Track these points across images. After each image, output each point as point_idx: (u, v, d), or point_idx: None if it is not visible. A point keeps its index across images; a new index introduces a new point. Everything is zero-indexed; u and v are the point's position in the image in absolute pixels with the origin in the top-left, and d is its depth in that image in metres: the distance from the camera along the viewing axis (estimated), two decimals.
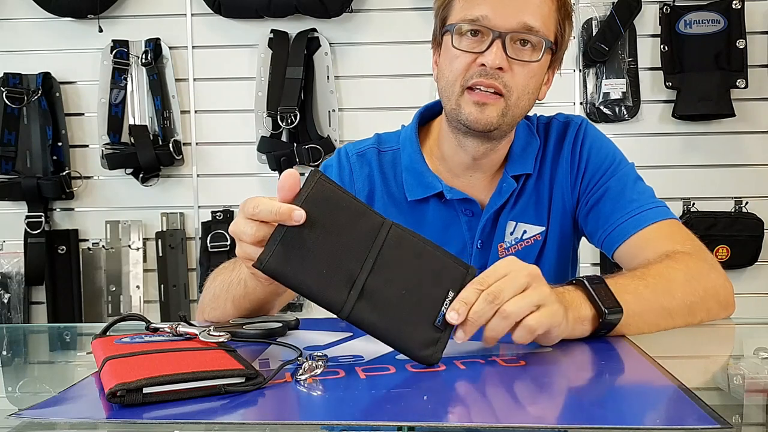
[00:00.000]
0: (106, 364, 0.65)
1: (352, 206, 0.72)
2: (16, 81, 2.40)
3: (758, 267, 2.38)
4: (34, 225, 2.42)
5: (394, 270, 0.71)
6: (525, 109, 1.03)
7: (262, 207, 0.70)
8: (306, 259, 0.69)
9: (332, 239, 0.70)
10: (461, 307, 0.70)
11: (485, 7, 0.97)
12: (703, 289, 0.92)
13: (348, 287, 0.69)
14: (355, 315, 0.69)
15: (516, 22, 0.97)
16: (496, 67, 0.97)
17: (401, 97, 2.34)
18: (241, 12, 2.37)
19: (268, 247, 0.69)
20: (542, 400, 0.63)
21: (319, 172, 0.72)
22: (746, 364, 0.81)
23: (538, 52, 0.99)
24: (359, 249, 0.70)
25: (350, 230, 0.71)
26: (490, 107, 0.99)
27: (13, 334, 1.16)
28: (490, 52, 0.97)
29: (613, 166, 1.10)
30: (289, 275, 0.69)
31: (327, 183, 0.71)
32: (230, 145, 2.46)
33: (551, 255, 1.13)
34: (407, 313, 0.70)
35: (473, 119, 1.00)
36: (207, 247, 2.39)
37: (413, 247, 0.72)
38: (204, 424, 0.57)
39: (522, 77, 0.99)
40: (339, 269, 0.69)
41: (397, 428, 0.54)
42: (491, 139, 1.05)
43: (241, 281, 0.92)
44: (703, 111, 2.33)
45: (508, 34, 0.97)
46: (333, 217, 0.70)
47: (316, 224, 0.69)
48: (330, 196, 0.71)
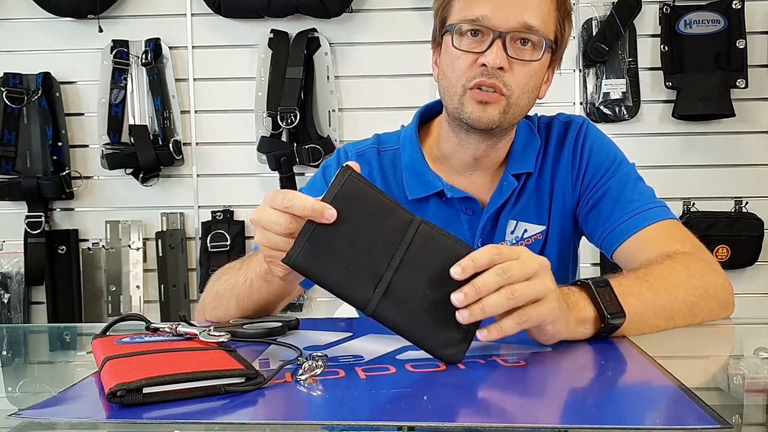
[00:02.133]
0: (106, 364, 0.65)
1: (382, 203, 0.72)
2: (16, 81, 2.40)
3: (758, 267, 2.38)
4: (34, 225, 2.42)
5: (420, 268, 0.71)
6: (525, 108, 1.04)
7: (296, 201, 0.71)
8: (334, 255, 0.69)
9: (360, 236, 0.70)
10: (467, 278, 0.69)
11: (485, 6, 0.97)
12: (703, 289, 0.92)
13: (374, 284, 0.69)
14: (379, 312, 0.70)
15: (516, 21, 0.97)
16: (497, 67, 0.97)
17: (401, 97, 2.34)
18: (241, 12, 2.37)
19: (297, 243, 0.69)
20: (542, 400, 0.63)
21: (350, 168, 0.72)
22: (746, 364, 0.81)
23: (539, 51, 0.99)
24: (387, 246, 0.70)
25: (378, 227, 0.71)
26: (492, 106, 0.99)
27: (13, 334, 1.16)
28: (490, 52, 0.97)
29: (614, 166, 1.11)
30: (316, 271, 0.69)
31: (358, 180, 0.71)
32: (230, 145, 2.46)
33: (552, 254, 1.13)
34: (432, 312, 0.70)
35: (476, 117, 1.00)
36: (207, 247, 2.39)
37: (441, 245, 0.72)
38: (204, 424, 0.57)
39: (522, 76, 0.99)
40: (366, 266, 0.70)
41: (397, 428, 0.54)
42: (492, 136, 1.05)
43: (247, 280, 0.92)
44: (703, 111, 2.33)
45: (509, 34, 0.97)
46: (362, 214, 0.70)
47: (345, 221, 0.69)
48: (360, 193, 0.71)
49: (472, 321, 0.70)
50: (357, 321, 1.03)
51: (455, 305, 0.69)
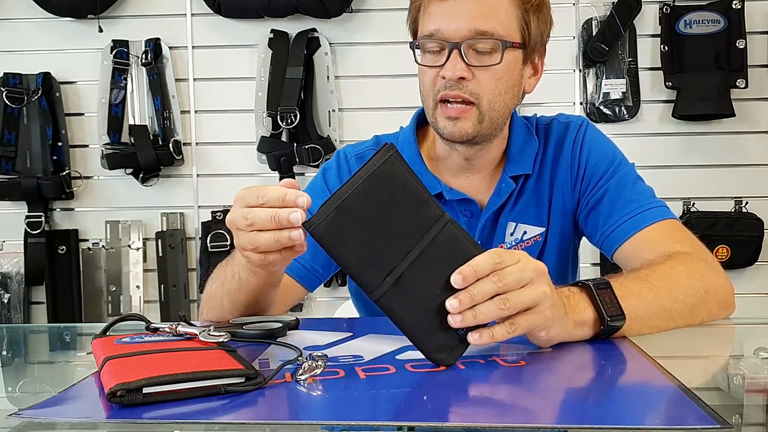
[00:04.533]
0: (106, 364, 0.65)
1: (416, 192, 0.71)
2: (16, 81, 2.40)
3: (758, 267, 2.38)
4: (34, 225, 2.42)
5: (435, 266, 0.70)
6: (503, 110, 1.03)
7: (270, 193, 0.72)
8: (354, 233, 0.68)
9: (386, 220, 0.69)
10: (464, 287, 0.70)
11: (437, 20, 0.99)
12: (704, 289, 0.92)
13: (386, 272, 0.68)
14: (384, 301, 0.69)
15: (467, 30, 0.97)
16: (456, 78, 0.98)
17: (401, 97, 2.33)
18: (241, 12, 2.37)
19: (321, 211, 0.67)
20: (542, 400, 0.63)
21: (393, 147, 0.70)
22: (746, 364, 0.81)
23: (497, 54, 0.99)
24: (408, 237, 0.69)
25: (406, 216, 0.70)
26: (462, 120, 1.01)
27: (13, 334, 1.16)
28: (448, 64, 0.98)
29: (613, 166, 1.10)
30: (333, 245, 0.68)
31: (398, 162, 0.70)
32: (230, 145, 2.46)
33: (551, 256, 1.12)
34: (434, 312, 0.70)
35: (449, 132, 1.02)
36: (207, 247, 2.39)
37: (462, 248, 0.71)
38: (204, 424, 0.57)
39: (487, 81, 1.00)
40: (383, 252, 0.69)
41: (397, 428, 0.54)
42: (476, 144, 1.06)
43: (234, 275, 0.92)
44: (703, 111, 2.33)
45: (463, 43, 0.98)
46: (393, 198, 0.69)
47: (375, 201, 0.68)
48: (398, 176, 0.70)
49: (463, 326, 0.70)
50: (357, 321, 1.03)
51: (449, 311, 0.69)
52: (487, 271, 0.70)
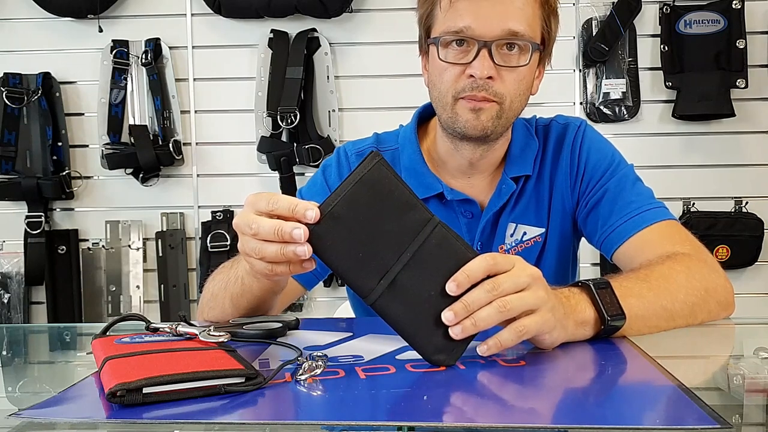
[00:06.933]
0: (106, 364, 0.65)
1: (404, 196, 0.71)
2: (16, 81, 2.40)
3: (758, 267, 2.38)
4: (34, 225, 2.42)
5: (428, 269, 0.70)
6: (518, 110, 1.04)
7: (281, 202, 0.70)
8: (346, 238, 0.69)
9: (376, 225, 0.69)
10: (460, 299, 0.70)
11: (468, 17, 0.96)
12: (704, 290, 0.92)
13: (380, 276, 0.69)
14: (379, 304, 0.69)
15: (500, 29, 0.96)
16: (485, 77, 0.97)
17: (401, 97, 2.33)
18: (241, 12, 2.36)
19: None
20: (542, 400, 0.63)
21: (378, 155, 0.71)
22: (746, 364, 0.81)
23: (526, 56, 0.99)
24: (400, 240, 0.70)
25: (396, 220, 0.70)
26: (485, 112, 0.99)
27: (13, 334, 1.16)
28: (477, 62, 0.96)
29: (612, 167, 1.10)
30: (326, 250, 0.69)
31: (384, 168, 0.71)
32: (230, 145, 2.46)
33: (551, 256, 1.13)
34: (430, 314, 0.70)
35: (470, 126, 1.00)
36: (207, 247, 2.39)
37: (453, 250, 0.71)
38: (204, 424, 0.57)
39: (512, 82, 0.99)
40: (375, 256, 0.69)
41: (397, 428, 0.54)
42: (487, 142, 1.05)
43: (238, 279, 0.92)
44: (703, 111, 2.33)
45: (494, 42, 0.96)
46: (382, 203, 0.70)
47: (364, 206, 0.69)
48: (384, 182, 0.70)
49: (464, 336, 0.70)
50: (357, 321, 1.03)
51: (446, 324, 0.69)
52: (481, 275, 0.70)
